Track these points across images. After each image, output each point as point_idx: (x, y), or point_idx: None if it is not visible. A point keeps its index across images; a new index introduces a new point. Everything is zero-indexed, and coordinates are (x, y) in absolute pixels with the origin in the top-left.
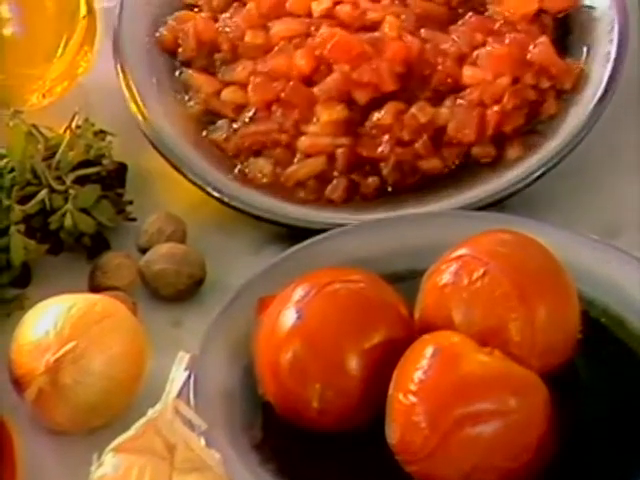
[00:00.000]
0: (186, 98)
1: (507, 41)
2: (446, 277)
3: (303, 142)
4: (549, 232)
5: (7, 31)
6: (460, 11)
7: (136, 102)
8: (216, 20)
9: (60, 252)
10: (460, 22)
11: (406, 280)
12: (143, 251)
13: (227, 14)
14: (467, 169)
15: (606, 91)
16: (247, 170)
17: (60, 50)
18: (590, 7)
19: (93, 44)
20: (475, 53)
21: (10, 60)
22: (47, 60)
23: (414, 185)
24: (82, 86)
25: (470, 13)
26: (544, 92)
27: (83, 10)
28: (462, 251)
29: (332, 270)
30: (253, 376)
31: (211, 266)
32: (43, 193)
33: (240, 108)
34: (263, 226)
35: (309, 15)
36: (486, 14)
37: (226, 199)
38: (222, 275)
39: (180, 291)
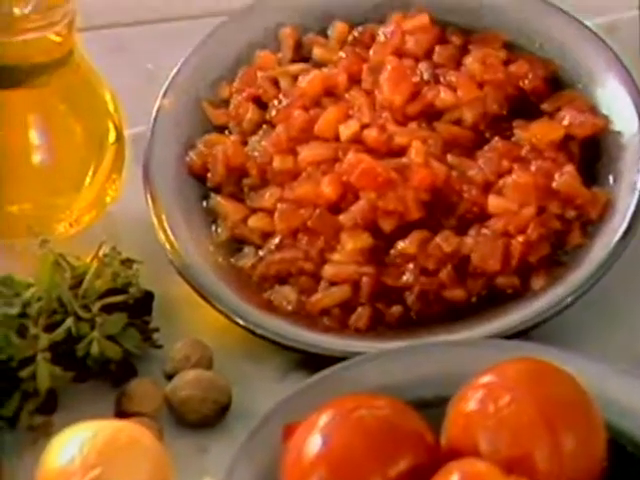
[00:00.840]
0: (213, 226)
1: (533, 169)
2: (472, 404)
3: (328, 270)
4: (575, 360)
5: (35, 159)
6: (487, 135)
7: (164, 230)
8: (245, 143)
9: (86, 380)
10: (486, 147)
11: (432, 407)
12: (169, 377)
13: (256, 137)
14: (492, 299)
15: (632, 222)
16: (272, 298)
17: (88, 179)
18: (617, 133)
19: (121, 171)
20: (501, 181)
21: (38, 189)
22: (75, 189)
23: (439, 314)
24: (109, 214)
25: (496, 138)
26: (570, 222)
27: (112, 137)
28: (488, 378)
29: (358, 396)
30: None
31: (237, 392)
32: (69, 321)
33: (267, 235)
34: (288, 353)
35: (337, 138)
36: (512, 139)
37: (251, 327)
38: (248, 401)
39: (206, 417)
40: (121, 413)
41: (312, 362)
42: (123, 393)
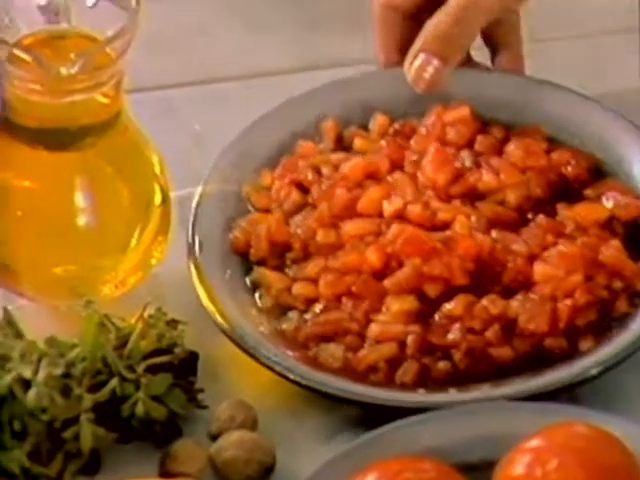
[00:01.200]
0: (257, 294)
1: (579, 243)
2: (519, 468)
3: (373, 329)
4: (624, 425)
5: (81, 221)
6: (530, 216)
7: (210, 297)
8: (287, 223)
9: (130, 440)
10: (531, 224)
11: (479, 470)
12: (214, 438)
13: (299, 216)
14: (539, 357)
15: None
16: (318, 355)
17: (134, 240)
18: None
19: (167, 233)
20: (546, 253)
21: (83, 251)
22: (120, 251)
23: (486, 369)
24: (155, 276)
25: (541, 216)
26: (616, 292)
27: (158, 199)
28: (536, 442)
29: (402, 459)
30: None
31: (281, 453)
32: (114, 382)
33: (311, 301)
34: (334, 412)
35: (380, 215)
36: (557, 218)
37: (297, 379)
38: (292, 463)
39: (250, 478)
40: (165, 474)
41: (357, 424)
42: (167, 454)
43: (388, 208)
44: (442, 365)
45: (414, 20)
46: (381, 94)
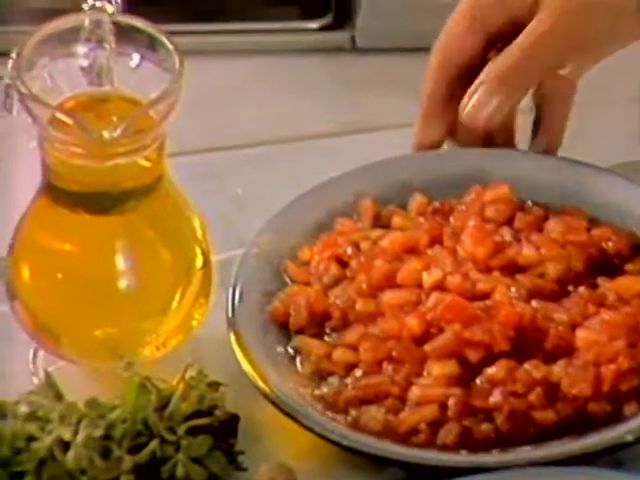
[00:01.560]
0: (297, 360)
1: (621, 312)
2: None
3: (414, 392)
4: None
5: (122, 284)
6: (570, 289)
7: (251, 363)
8: (326, 295)
9: None
10: (572, 295)
11: None
12: None
13: (337, 289)
14: (582, 421)
15: None
16: (359, 418)
17: (175, 303)
18: None
19: (209, 296)
20: (587, 323)
21: (124, 314)
22: (162, 313)
23: (528, 432)
24: (196, 338)
25: (582, 287)
26: None
27: (200, 262)
28: None
29: None
30: None
31: None
32: (154, 443)
33: (351, 367)
34: (374, 476)
35: (419, 287)
36: (597, 290)
37: (339, 440)
38: None
39: None
40: None
41: None
42: None
43: (428, 279)
44: (484, 427)
45: (465, 80)
46: (420, 176)
